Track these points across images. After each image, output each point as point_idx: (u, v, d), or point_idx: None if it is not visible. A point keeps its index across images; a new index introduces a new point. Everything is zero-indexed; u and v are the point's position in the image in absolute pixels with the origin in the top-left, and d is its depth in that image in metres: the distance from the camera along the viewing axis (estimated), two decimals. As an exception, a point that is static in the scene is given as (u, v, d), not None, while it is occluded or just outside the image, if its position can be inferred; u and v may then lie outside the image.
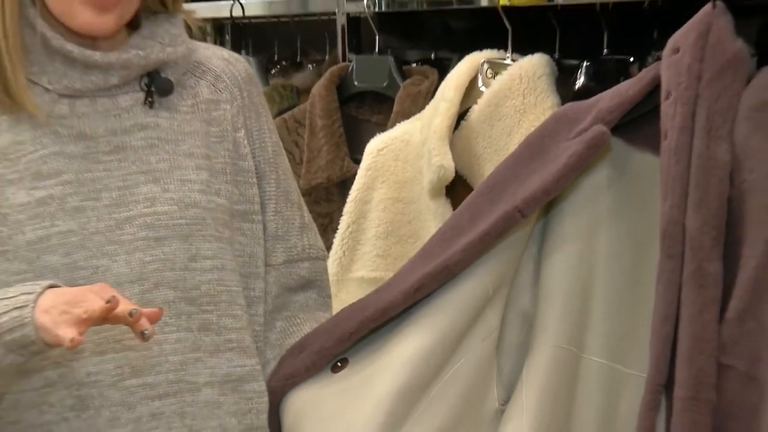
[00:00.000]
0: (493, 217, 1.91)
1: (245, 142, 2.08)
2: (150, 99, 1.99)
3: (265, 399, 2.04)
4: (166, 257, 1.96)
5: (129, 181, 1.96)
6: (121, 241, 1.93)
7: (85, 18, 1.87)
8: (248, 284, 2.08)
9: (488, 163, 2.25)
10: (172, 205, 1.97)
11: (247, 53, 2.82)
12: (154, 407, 1.94)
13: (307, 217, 2.20)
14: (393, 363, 1.96)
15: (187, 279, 1.97)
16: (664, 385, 1.80)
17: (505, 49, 2.39)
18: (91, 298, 1.74)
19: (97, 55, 1.91)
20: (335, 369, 2.01)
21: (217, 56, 2.12)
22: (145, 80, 1.99)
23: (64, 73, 1.92)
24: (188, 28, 2.07)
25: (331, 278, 2.30)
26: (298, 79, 2.87)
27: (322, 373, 2.02)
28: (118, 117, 1.97)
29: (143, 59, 1.95)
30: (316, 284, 2.20)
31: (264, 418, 2.03)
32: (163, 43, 1.98)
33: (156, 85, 1.99)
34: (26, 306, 1.75)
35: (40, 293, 1.75)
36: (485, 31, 2.46)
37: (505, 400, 1.97)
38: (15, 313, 1.75)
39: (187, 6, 2.10)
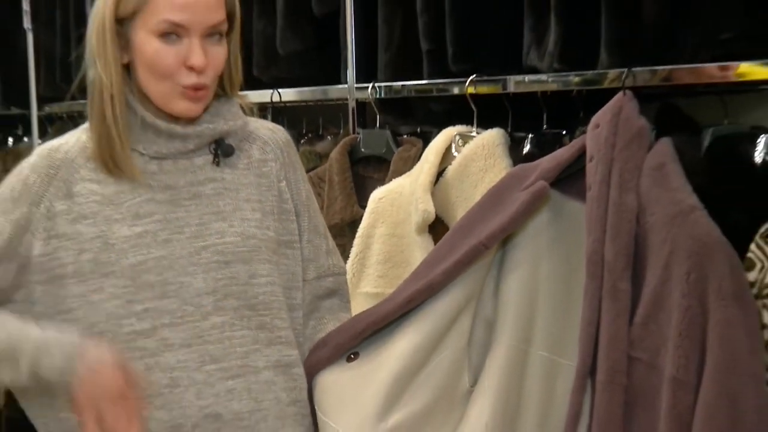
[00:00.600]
0: (464, 249, 1.91)
1: (286, 189, 2.07)
2: (217, 159, 2.01)
3: (305, 379, 2.02)
4: (232, 275, 1.97)
5: (204, 220, 1.97)
6: (199, 264, 1.95)
7: (182, 107, 1.92)
8: (291, 295, 2.06)
9: (460, 208, 2.24)
10: (236, 237, 1.98)
11: (285, 128, 2.87)
12: (228, 385, 1.94)
13: (332, 243, 2.16)
14: (391, 356, 1.96)
15: (248, 291, 1.97)
16: (589, 372, 1.81)
17: (472, 125, 2.38)
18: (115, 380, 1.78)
19: (178, 128, 1.95)
20: (349, 359, 2.01)
21: (264, 127, 2.12)
22: (213, 146, 2.01)
23: (154, 141, 1.95)
24: (242, 108, 2.06)
25: (344, 292, 2.25)
26: (320, 146, 2.84)
27: (340, 363, 2.01)
28: (194, 173, 2.00)
29: (212, 131, 1.98)
30: (338, 293, 2.16)
31: (305, 393, 2.02)
32: (226, 119, 2.00)
33: (221, 150, 2.01)
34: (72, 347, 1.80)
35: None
36: (457, 112, 2.45)
37: (473, 383, 1.97)
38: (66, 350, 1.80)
39: (241, 93, 2.09)
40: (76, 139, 1.98)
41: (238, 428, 1.95)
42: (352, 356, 2.02)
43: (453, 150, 2.37)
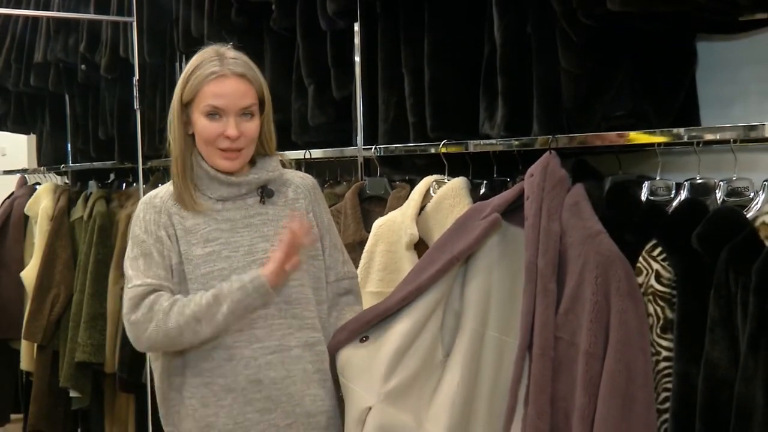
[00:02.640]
0: (442, 262, 1.91)
1: (313, 219, 2.05)
2: (262, 200, 2.01)
3: (327, 354, 2.01)
4: None
5: (253, 242, 1.98)
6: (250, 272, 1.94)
7: (222, 164, 1.96)
8: (318, 293, 2.04)
9: (436, 233, 2.21)
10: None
11: (313, 177, 2.88)
12: (268, 359, 1.95)
13: (347, 256, 2.13)
14: (390, 338, 1.95)
15: (284, 291, 1.97)
16: (528, 347, 1.81)
17: (444, 174, 2.37)
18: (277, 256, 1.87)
19: (233, 179, 1.98)
20: (362, 341, 2.00)
21: (297, 175, 2.11)
22: (260, 190, 2.01)
23: (217, 188, 1.98)
24: (282, 162, 2.08)
25: (355, 291, 2.25)
26: (339, 189, 2.83)
27: (355, 343, 2.00)
28: (246, 209, 2.00)
29: (257, 179, 2.00)
30: (352, 292, 2.13)
31: (326, 364, 2.01)
32: (267, 171, 2.01)
33: (265, 193, 2.02)
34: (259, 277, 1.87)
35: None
36: (434, 165, 2.44)
37: (446, 356, 1.95)
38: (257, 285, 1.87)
39: (283, 152, 2.13)
40: (166, 189, 2.02)
41: (274, 390, 1.95)
42: (364, 339, 2.01)
43: (431, 191, 2.36)
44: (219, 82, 1.91)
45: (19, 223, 4.60)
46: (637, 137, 1.92)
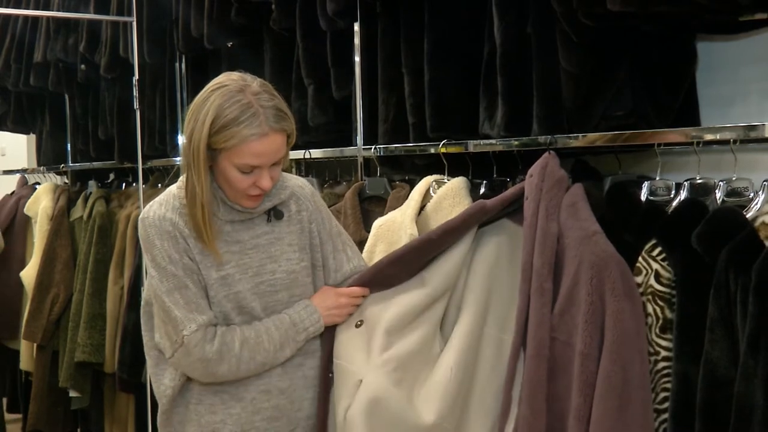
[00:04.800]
0: (420, 241, 1.96)
1: (315, 228, 2.05)
2: (269, 219, 2.00)
3: (318, 342, 2.04)
4: (278, 300, 1.99)
5: (261, 263, 1.97)
6: (258, 293, 1.97)
7: (247, 203, 1.93)
8: None
9: None
10: (282, 274, 1.99)
11: (312, 176, 2.84)
12: (278, 370, 1.99)
13: (351, 253, 2.12)
14: (385, 317, 1.97)
15: (289, 307, 2.01)
16: (522, 346, 1.82)
17: (444, 174, 2.37)
18: (343, 302, 2.00)
19: (250, 209, 1.96)
20: (357, 326, 2.02)
21: (297, 185, 2.07)
22: (270, 211, 2.00)
23: (230, 212, 1.95)
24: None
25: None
26: (338, 189, 2.82)
27: (352, 328, 2.03)
28: (253, 229, 1.98)
29: (270, 205, 1.98)
30: None
31: (317, 370, 2.04)
32: (279, 196, 1.99)
33: (274, 214, 2.00)
34: (316, 314, 1.98)
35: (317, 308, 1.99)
36: (434, 165, 2.43)
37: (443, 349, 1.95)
38: (315, 319, 1.98)
39: None
40: (171, 207, 1.93)
41: (281, 399, 2.00)
42: (359, 323, 2.03)
43: (431, 191, 2.36)
44: (260, 142, 1.82)
45: (17, 223, 4.60)
46: (636, 137, 1.92)
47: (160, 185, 4.01)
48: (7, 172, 5.42)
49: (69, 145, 4.78)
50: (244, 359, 1.92)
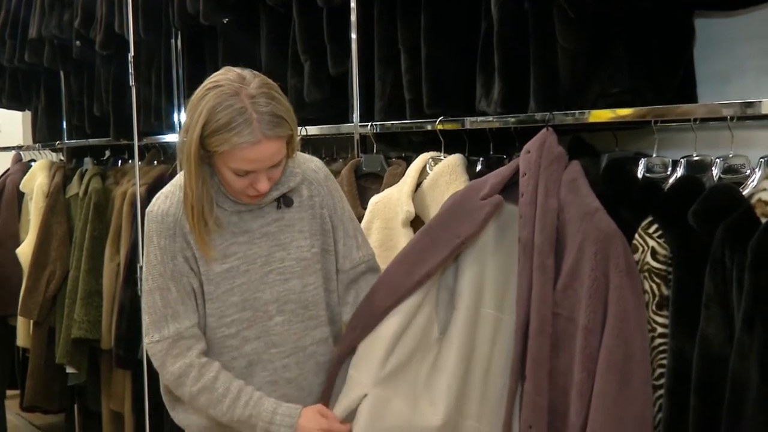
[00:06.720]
0: (449, 248, 1.90)
1: (326, 214, 2.00)
2: (279, 206, 1.95)
3: (332, 346, 2.03)
4: (290, 288, 1.95)
5: (270, 251, 1.93)
6: (267, 282, 1.94)
7: (246, 200, 1.88)
8: (329, 287, 2.02)
9: (432, 210, 2.20)
10: (292, 261, 1.95)
11: (309, 153, 2.85)
12: (284, 362, 1.97)
13: (361, 239, 2.07)
14: (387, 321, 1.93)
15: (301, 297, 1.96)
16: (525, 323, 1.82)
17: (441, 151, 2.36)
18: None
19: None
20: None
21: (310, 168, 2.01)
22: (277, 199, 1.95)
23: (235, 203, 1.90)
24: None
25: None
26: (335, 166, 2.80)
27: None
28: (263, 217, 1.94)
29: (279, 193, 1.93)
30: (372, 270, 2.08)
31: (328, 355, 2.02)
32: (288, 184, 1.94)
33: (284, 202, 1.95)
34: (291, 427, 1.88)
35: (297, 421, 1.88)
36: (430, 142, 2.43)
37: (442, 332, 1.95)
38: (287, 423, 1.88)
39: None
40: (177, 200, 1.89)
41: (289, 388, 1.97)
42: None
43: (427, 168, 2.35)
44: (252, 150, 1.75)
45: (12, 200, 4.59)
46: (634, 113, 1.91)
47: (156, 162, 3.99)
48: (2, 149, 5.39)
49: (64, 122, 4.75)
50: (198, 402, 1.91)
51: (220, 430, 1.98)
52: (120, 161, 4.33)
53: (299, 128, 2.89)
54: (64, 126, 4.76)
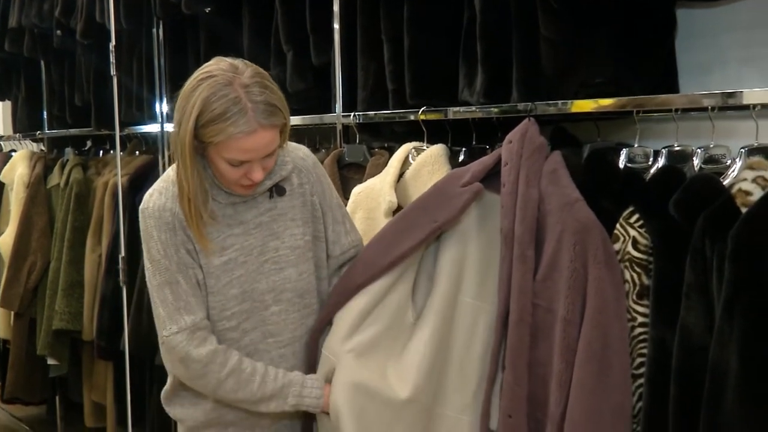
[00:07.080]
0: (425, 231, 1.90)
1: (317, 201, 2.00)
2: (272, 195, 1.95)
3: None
4: (285, 277, 1.96)
5: (264, 241, 1.94)
6: (263, 272, 1.94)
7: (240, 191, 1.88)
8: (320, 274, 2.03)
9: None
10: (286, 250, 1.95)
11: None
12: (280, 352, 1.97)
13: (349, 225, 2.09)
14: (355, 300, 1.96)
15: (296, 286, 1.97)
16: (505, 313, 1.82)
17: (423, 142, 2.36)
18: None
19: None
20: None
21: (299, 157, 2.02)
22: (269, 189, 1.95)
23: (229, 195, 1.90)
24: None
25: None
26: (318, 156, 2.80)
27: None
28: (257, 207, 1.93)
29: (272, 183, 1.93)
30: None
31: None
32: (280, 174, 1.94)
33: (277, 191, 1.95)
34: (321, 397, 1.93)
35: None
36: (413, 132, 2.43)
37: (416, 319, 1.96)
38: (317, 394, 1.93)
39: None
40: (172, 195, 1.87)
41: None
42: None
43: (410, 159, 2.35)
44: (248, 139, 1.74)
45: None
46: (615, 104, 1.92)
47: (137, 152, 3.97)
48: (-18, 139, 5.35)
49: (45, 112, 4.72)
50: (225, 387, 1.89)
51: (216, 422, 1.99)
52: (101, 151, 4.31)
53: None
54: (45, 116, 4.73)
